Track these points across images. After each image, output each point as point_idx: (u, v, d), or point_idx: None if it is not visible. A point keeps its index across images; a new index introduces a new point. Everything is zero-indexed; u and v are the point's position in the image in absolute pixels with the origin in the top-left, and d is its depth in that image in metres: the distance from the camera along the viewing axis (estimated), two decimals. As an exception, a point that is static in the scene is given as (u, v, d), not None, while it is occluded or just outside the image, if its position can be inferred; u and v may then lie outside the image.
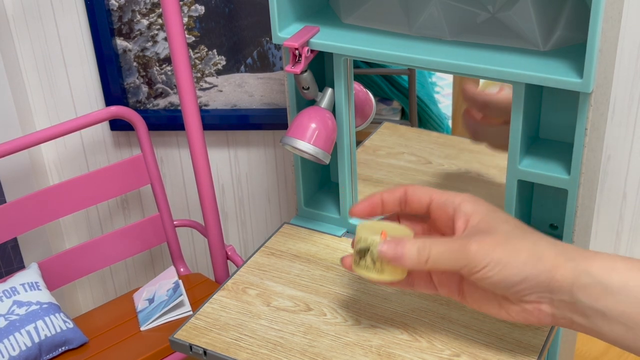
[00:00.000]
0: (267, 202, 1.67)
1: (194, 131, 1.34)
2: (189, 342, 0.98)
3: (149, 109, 1.56)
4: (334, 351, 0.95)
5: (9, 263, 1.62)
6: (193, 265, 1.76)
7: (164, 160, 1.63)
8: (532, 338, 0.95)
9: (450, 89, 1.46)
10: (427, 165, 1.31)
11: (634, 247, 1.56)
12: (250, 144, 1.59)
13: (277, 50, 1.46)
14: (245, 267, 1.12)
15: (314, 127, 1.05)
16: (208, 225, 1.44)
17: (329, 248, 1.14)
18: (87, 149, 1.63)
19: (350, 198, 1.16)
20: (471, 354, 0.93)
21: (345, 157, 1.12)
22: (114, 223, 1.72)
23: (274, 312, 1.02)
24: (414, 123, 1.44)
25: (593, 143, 0.96)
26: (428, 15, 0.99)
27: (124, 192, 1.47)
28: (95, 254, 1.47)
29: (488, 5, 0.96)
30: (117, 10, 1.46)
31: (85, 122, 1.37)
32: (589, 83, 0.87)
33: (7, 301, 1.30)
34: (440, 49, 0.98)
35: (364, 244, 0.88)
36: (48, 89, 1.56)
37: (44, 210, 1.39)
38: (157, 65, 1.51)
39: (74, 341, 1.33)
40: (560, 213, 1.01)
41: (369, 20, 1.05)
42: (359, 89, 1.22)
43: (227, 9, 1.44)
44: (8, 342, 1.26)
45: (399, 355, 0.93)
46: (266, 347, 0.96)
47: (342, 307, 1.02)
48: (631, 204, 1.52)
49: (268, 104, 1.52)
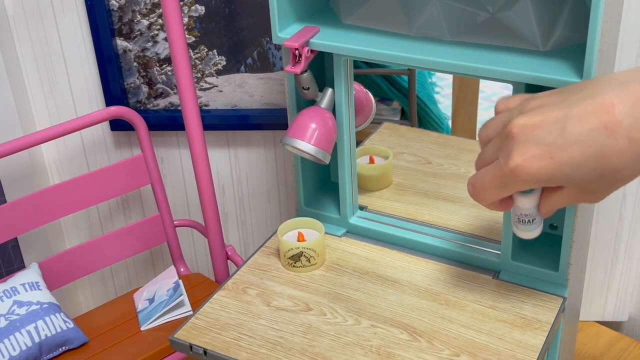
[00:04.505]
0: (267, 202, 1.67)
1: (194, 131, 1.34)
2: (189, 341, 0.98)
3: (149, 109, 1.56)
4: (333, 351, 0.95)
5: (9, 263, 1.62)
6: (193, 265, 1.76)
7: (164, 160, 1.63)
8: (532, 338, 0.95)
9: (450, 89, 1.47)
10: (427, 165, 1.31)
11: (634, 247, 1.56)
12: (250, 144, 1.59)
13: (277, 50, 1.47)
14: (246, 267, 1.12)
15: (314, 127, 1.05)
16: (208, 225, 1.45)
17: (329, 248, 1.14)
18: (87, 149, 1.63)
19: (351, 198, 1.16)
20: (471, 354, 0.93)
21: (345, 157, 1.12)
22: (114, 223, 1.72)
23: (274, 312, 1.02)
24: (414, 123, 1.44)
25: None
26: (428, 15, 0.99)
27: (124, 192, 1.48)
28: (95, 254, 1.47)
29: (488, 6, 0.96)
30: (117, 11, 1.46)
31: (85, 122, 1.37)
32: (588, 83, 0.87)
33: (7, 301, 1.30)
34: (440, 49, 0.98)
35: (295, 250, 1.08)
36: (48, 89, 1.56)
37: (44, 210, 1.39)
38: (157, 66, 1.51)
39: (75, 341, 1.33)
40: (560, 213, 1.01)
41: (369, 20, 1.05)
42: (359, 89, 1.22)
43: (227, 9, 1.44)
44: (8, 341, 1.26)
45: (398, 355, 0.94)
46: (266, 346, 0.96)
47: (342, 307, 1.03)
48: (631, 204, 1.52)
49: (268, 104, 1.53)
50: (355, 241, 1.15)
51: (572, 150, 0.70)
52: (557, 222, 1.08)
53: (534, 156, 0.72)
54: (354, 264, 1.11)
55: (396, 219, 1.17)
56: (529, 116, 0.73)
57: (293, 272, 1.10)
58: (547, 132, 0.71)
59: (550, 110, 0.72)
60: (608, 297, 1.63)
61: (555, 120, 0.71)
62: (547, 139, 0.71)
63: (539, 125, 0.72)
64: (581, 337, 1.62)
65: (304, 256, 1.09)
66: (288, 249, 1.09)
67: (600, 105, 0.69)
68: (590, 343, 1.61)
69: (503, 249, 1.05)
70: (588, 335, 1.63)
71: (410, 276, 1.07)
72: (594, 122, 0.69)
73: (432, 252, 1.11)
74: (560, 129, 0.71)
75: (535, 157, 0.72)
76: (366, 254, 1.13)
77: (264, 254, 1.15)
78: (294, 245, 1.09)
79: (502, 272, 1.06)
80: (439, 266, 1.09)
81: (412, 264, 1.10)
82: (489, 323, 0.98)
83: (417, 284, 1.06)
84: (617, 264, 1.59)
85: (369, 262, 1.11)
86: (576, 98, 0.71)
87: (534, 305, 1.00)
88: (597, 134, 0.69)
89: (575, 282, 1.06)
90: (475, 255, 1.08)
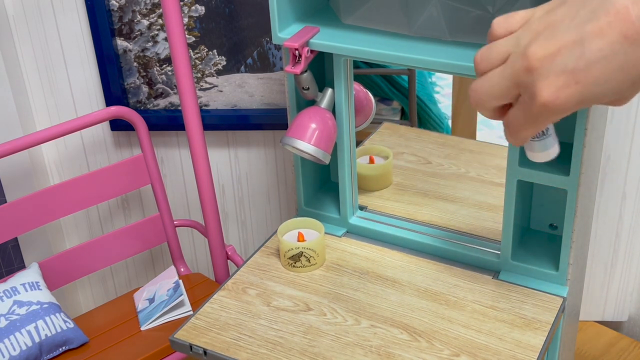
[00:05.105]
0: (267, 202, 1.67)
1: (194, 131, 1.34)
2: (189, 342, 0.98)
3: (149, 109, 1.56)
4: (333, 351, 0.95)
5: (9, 263, 1.62)
6: (193, 265, 1.76)
7: (164, 160, 1.63)
8: (532, 338, 0.95)
9: (450, 89, 1.47)
10: (427, 165, 1.31)
11: (634, 247, 1.56)
12: (250, 144, 1.59)
13: (277, 50, 1.47)
14: (246, 267, 1.12)
15: (314, 127, 1.05)
16: (208, 225, 1.45)
17: (329, 248, 1.14)
18: (87, 149, 1.63)
19: (350, 198, 1.16)
20: (471, 354, 0.93)
21: (345, 157, 1.12)
22: (114, 223, 1.72)
23: (274, 312, 1.02)
24: (414, 123, 1.44)
25: (593, 143, 0.96)
26: (428, 15, 0.99)
27: (125, 192, 1.48)
28: (95, 253, 1.47)
29: (488, 6, 0.96)
30: (117, 11, 1.46)
31: (85, 122, 1.37)
32: (588, 83, 0.87)
33: (7, 301, 1.30)
34: (440, 49, 0.98)
35: (295, 250, 1.08)
36: (48, 89, 1.56)
37: (44, 210, 1.39)
38: (157, 66, 1.51)
39: (75, 341, 1.33)
40: (560, 213, 1.01)
41: (369, 20, 1.05)
42: (358, 89, 1.22)
43: (227, 9, 1.44)
44: (9, 341, 1.26)
45: (398, 355, 0.94)
46: (266, 347, 0.96)
47: (342, 307, 1.03)
48: (631, 204, 1.52)
49: (268, 104, 1.52)
50: (355, 241, 1.15)
51: (596, 69, 0.67)
52: (557, 222, 1.08)
53: (559, 87, 0.68)
54: (354, 264, 1.11)
55: (396, 219, 1.17)
56: (542, 45, 0.69)
57: (293, 272, 1.10)
58: (567, 58, 0.68)
59: (564, 33, 0.68)
60: (608, 297, 1.63)
61: (572, 43, 0.68)
62: (568, 65, 0.68)
63: (556, 53, 0.68)
64: (581, 337, 1.62)
65: (304, 256, 1.09)
66: (288, 249, 1.09)
67: (615, 14, 0.65)
68: (590, 343, 1.61)
69: (503, 249, 1.05)
70: (588, 335, 1.63)
71: (410, 276, 1.07)
72: (612, 34, 0.66)
73: (432, 252, 1.11)
74: (580, 52, 0.67)
75: (561, 87, 0.68)
76: (366, 254, 1.13)
77: (264, 254, 1.15)
78: (294, 246, 1.09)
79: (502, 272, 1.06)
80: (439, 266, 1.09)
81: (412, 264, 1.10)
82: (488, 323, 0.98)
83: (417, 284, 1.06)
84: (617, 264, 1.59)
85: (369, 262, 1.11)
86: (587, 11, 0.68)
87: (534, 305, 1.00)
88: (619, 46, 0.66)
89: (575, 282, 1.06)
90: (475, 255, 1.08)
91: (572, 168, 0.95)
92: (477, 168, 1.29)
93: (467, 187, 1.25)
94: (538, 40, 0.69)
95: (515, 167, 0.99)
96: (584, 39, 0.67)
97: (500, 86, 0.72)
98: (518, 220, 1.05)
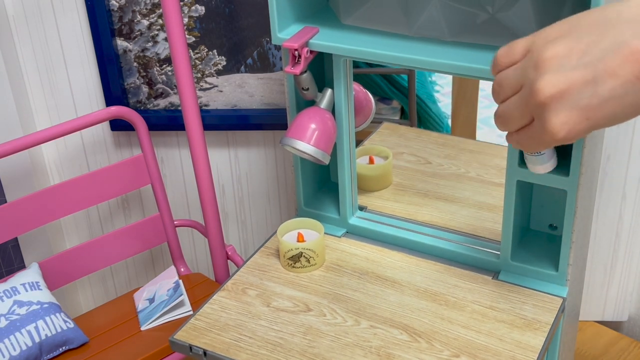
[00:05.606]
0: (267, 202, 1.67)
1: (194, 131, 1.34)
2: (189, 342, 0.98)
3: (150, 109, 1.56)
4: (333, 352, 0.95)
5: (9, 263, 1.62)
6: (193, 265, 1.76)
7: (164, 160, 1.63)
8: (532, 338, 0.95)
9: (450, 88, 1.47)
10: (426, 165, 1.31)
11: (634, 247, 1.56)
12: (250, 144, 1.59)
13: (277, 50, 1.46)
14: (246, 267, 1.12)
15: (314, 128, 1.05)
16: (208, 225, 1.45)
17: (329, 248, 1.14)
18: (87, 149, 1.63)
19: (350, 198, 1.16)
20: (471, 354, 0.93)
21: (345, 157, 1.12)
22: (114, 223, 1.72)
23: (274, 313, 1.02)
24: (414, 122, 1.44)
25: (592, 143, 0.96)
26: (427, 16, 0.99)
27: (125, 192, 1.48)
28: (95, 253, 1.47)
29: (487, 6, 0.96)
30: (117, 11, 1.46)
31: (85, 122, 1.37)
32: (588, 84, 0.87)
33: (7, 301, 1.31)
34: (439, 49, 0.98)
35: (295, 251, 1.08)
36: (49, 89, 1.56)
37: (44, 210, 1.39)
38: (157, 66, 1.51)
39: (75, 341, 1.33)
40: (560, 213, 1.01)
41: (369, 21, 1.05)
42: (358, 89, 1.22)
43: (227, 10, 1.44)
44: (9, 341, 1.26)
45: (398, 356, 0.94)
46: (266, 347, 0.96)
47: (342, 307, 1.03)
48: (630, 204, 1.52)
49: (268, 104, 1.52)
50: (355, 241, 1.15)
51: (608, 107, 0.68)
52: (556, 222, 1.08)
53: (571, 123, 0.69)
54: (354, 265, 1.11)
55: (396, 219, 1.17)
56: (551, 81, 0.69)
57: (293, 273, 1.10)
58: (579, 96, 0.69)
59: (573, 71, 0.69)
60: (608, 297, 1.63)
61: (584, 82, 0.68)
62: (580, 102, 0.69)
63: (567, 90, 0.69)
64: (581, 337, 1.62)
65: (303, 257, 1.09)
66: (288, 250, 1.09)
67: (628, 56, 0.66)
68: (590, 343, 1.61)
69: (503, 250, 1.05)
70: (588, 335, 1.63)
71: (409, 277, 1.07)
72: (625, 75, 0.66)
73: (432, 253, 1.11)
74: (592, 91, 0.68)
75: (571, 122, 0.69)
76: (366, 255, 1.13)
77: (264, 255, 1.15)
78: (294, 246, 1.09)
79: (502, 272, 1.06)
80: (439, 266, 1.09)
81: (412, 264, 1.10)
82: (488, 323, 0.98)
83: (417, 285, 1.06)
84: (617, 264, 1.59)
85: (368, 263, 1.11)
86: (599, 50, 0.68)
87: (534, 305, 1.00)
88: (632, 85, 0.66)
89: (574, 283, 1.06)
90: (474, 255, 1.08)
91: (572, 168, 0.95)
92: (477, 168, 1.29)
93: (467, 187, 1.25)
94: (545, 75, 0.70)
95: (515, 167, 0.99)
96: (597, 78, 0.67)
97: (517, 113, 0.74)
98: (518, 220, 1.05)
